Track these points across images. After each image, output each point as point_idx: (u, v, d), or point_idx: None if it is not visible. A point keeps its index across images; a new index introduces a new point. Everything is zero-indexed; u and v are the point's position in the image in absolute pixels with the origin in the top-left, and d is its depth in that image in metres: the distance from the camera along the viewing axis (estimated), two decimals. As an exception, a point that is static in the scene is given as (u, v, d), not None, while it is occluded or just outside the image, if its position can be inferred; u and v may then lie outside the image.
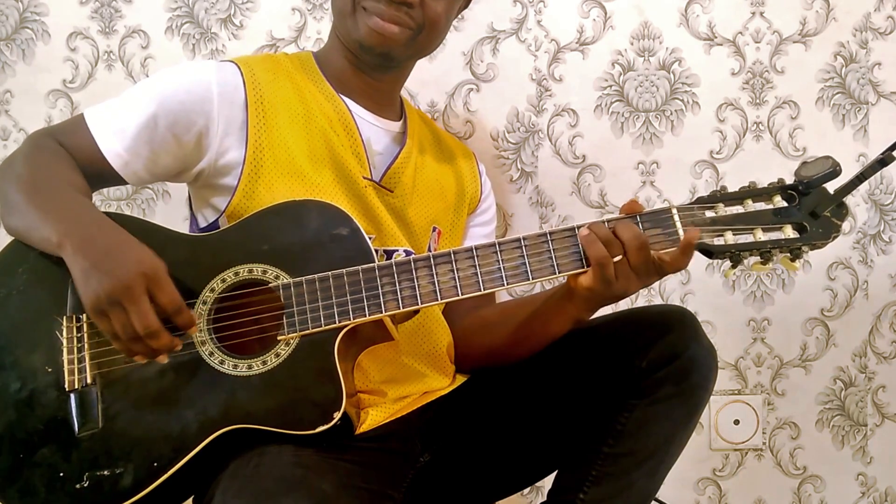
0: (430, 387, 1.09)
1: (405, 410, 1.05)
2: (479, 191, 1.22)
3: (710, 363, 0.98)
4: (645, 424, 0.97)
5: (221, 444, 0.87)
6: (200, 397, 0.88)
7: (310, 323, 0.89)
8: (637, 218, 0.91)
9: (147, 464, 0.86)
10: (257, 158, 0.98)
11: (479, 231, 1.22)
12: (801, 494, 1.52)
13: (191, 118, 0.97)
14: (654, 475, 1.01)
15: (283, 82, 1.04)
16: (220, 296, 0.91)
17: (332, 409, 0.87)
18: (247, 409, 0.87)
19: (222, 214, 1.00)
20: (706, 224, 0.90)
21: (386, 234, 1.05)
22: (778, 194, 0.90)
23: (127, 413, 0.88)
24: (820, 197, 0.89)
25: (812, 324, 1.49)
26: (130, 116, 0.98)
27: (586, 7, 1.44)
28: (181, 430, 0.87)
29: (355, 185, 1.03)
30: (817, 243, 0.89)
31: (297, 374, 0.89)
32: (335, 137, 1.03)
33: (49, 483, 0.87)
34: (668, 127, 1.46)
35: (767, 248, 0.89)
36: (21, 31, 1.46)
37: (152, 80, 1.02)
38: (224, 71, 1.00)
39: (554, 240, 0.91)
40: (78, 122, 1.00)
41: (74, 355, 0.89)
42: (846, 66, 1.45)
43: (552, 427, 1.04)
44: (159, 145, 0.98)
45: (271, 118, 1.00)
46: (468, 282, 0.91)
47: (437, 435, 1.06)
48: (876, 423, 1.51)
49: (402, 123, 1.13)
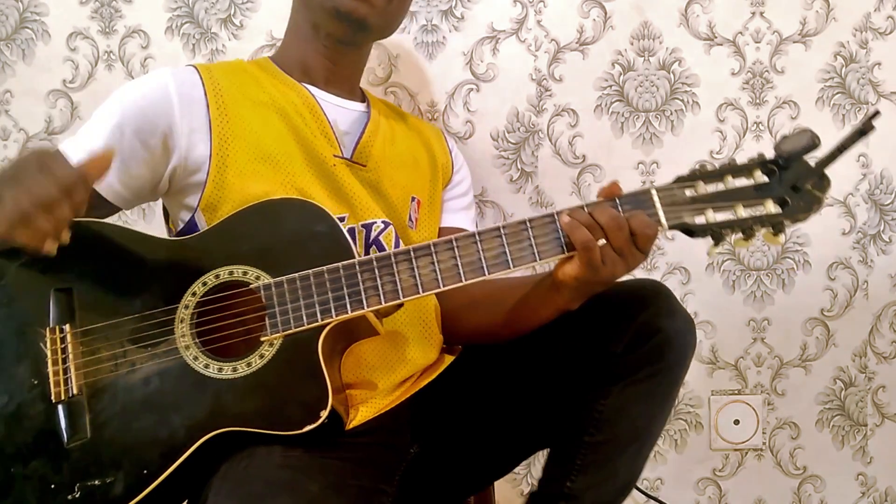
0: (419, 364, 1.08)
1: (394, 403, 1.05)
2: (450, 163, 1.24)
3: (687, 339, 0.98)
4: (623, 409, 0.97)
5: (211, 447, 0.87)
6: (187, 402, 0.88)
7: (292, 322, 0.89)
8: (616, 201, 0.90)
9: (137, 471, 0.86)
10: (223, 148, 0.99)
11: (456, 203, 1.23)
12: (801, 494, 1.52)
13: (153, 121, 0.98)
14: (638, 456, 1.02)
15: (243, 78, 1.07)
16: (202, 299, 0.91)
17: (318, 408, 0.86)
18: (234, 411, 0.87)
19: (196, 209, 1.00)
20: (686, 203, 0.89)
21: (360, 209, 1.05)
22: (758, 169, 0.89)
23: (115, 421, 0.88)
24: (800, 170, 0.88)
25: (812, 324, 1.49)
26: (97, 133, 0.99)
27: (586, 7, 1.44)
28: (169, 436, 0.87)
29: (325, 164, 1.04)
30: (799, 216, 0.88)
31: (282, 375, 0.88)
32: (301, 121, 1.05)
33: (41, 496, 0.86)
34: (668, 127, 1.46)
35: (749, 224, 0.88)
36: (21, 31, 1.46)
37: (113, 95, 1.03)
38: (180, 73, 1.02)
39: (534, 227, 0.91)
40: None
41: (59, 366, 0.89)
42: (846, 66, 1.44)
43: (535, 412, 1.04)
44: (128, 154, 0.98)
45: (233, 109, 1.01)
46: (449, 273, 0.90)
47: (425, 425, 1.07)
48: (876, 423, 1.51)
49: (365, 105, 1.16)
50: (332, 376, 0.90)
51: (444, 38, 1.44)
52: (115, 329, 0.90)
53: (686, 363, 0.99)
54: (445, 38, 1.44)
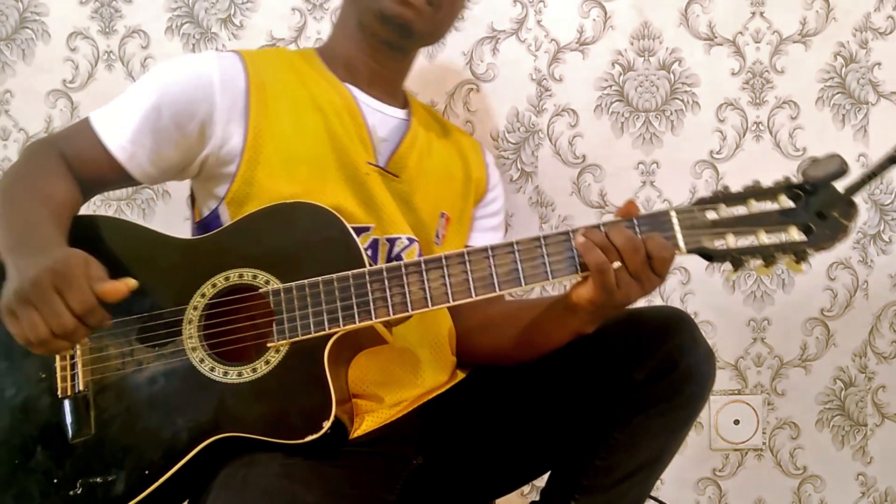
0: (428, 386, 1.08)
1: (400, 414, 1.04)
2: (486, 180, 1.21)
3: (708, 371, 0.97)
4: (639, 438, 0.96)
5: (213, 451, 0.87)
6: (191, 405, 0.88)
7: (299, 330, 0.89)
8: (634, 221, 0.87)
9: (139, 472, 0.86)
10: (257, 144, 0.98)
11: (486, 223, 1.21)
12: (801, 494, 1.52)
13: (193, 107, 0.97)
14: (647, 482, 1.02)
15: (285, 70, 1.04)
16: (211, 301, 0.91)
17: (321, 419, 0.86)
18: (236, 417, 0.87)
19: (222, 202, 0.99)
20: (707, 227, 0.87)
21: (387, 222, 1.04)
22: (783, 194, 0.87)
23: (119, 419, 0.88)
24: (827, 196, 0.85)
25: (812, 324, 1.49)
26: (133, 110, 0.98)
27: (586, 7, 1.44)
28: (172, 438, 0.87)
29: (357, 171, 1.02)
30: (824, 245, 0.85)
31: (287, 383, 0.88)
32: (339, 124, 1.02)
33: (43, 489, 0.87)
34: (668, 127, 1.46)
35: (771, 251, 0.85)
36: (21, 31, 1.46)
37: (153, 72, 1.01)
38: (225, 60, 1.00)
39: (548, 244, 0.89)
40: (82, 126, 1.00)
41: (67, 361, 0.89)
42: (846, 66, 1.44)
43: (546, 433, 1.03)
44: (163, 136, 0.97)
45: (273, 104, 1.00)
46: (459, 288, 0.89)
47: (431, 438, 1.06)
48: (876, 423, 1.51)
49: (406, 112, 1.13)
50: (338, 386, 0.89)
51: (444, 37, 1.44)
52: (124, 327, 0.90)
53: (705, 397, 0.97)
54: (445, 38, 1.44)
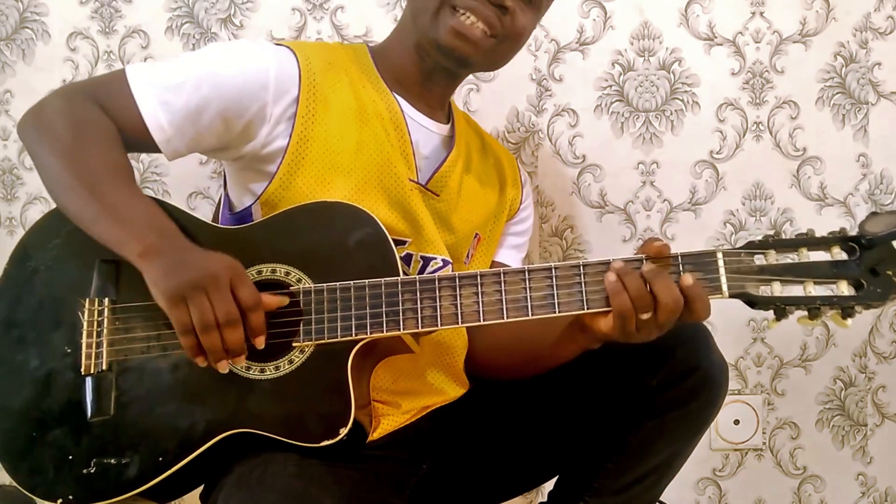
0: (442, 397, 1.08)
1: (415, 417, 1.04)
2: (520, 197, 1.20)
3: (721, 379, 0.96)
4: (651, 443, 0.96)
5: (228, 444, 0.87)
6: (211, 396, 0.88)
7: (326, 333, 0.88)
8: (679, 259, 0.84)
9: (153, 458, 0.87)
10: (301, 150, 0.96)
11: (513, 240, 1.20)
12: (801, 494, 1.52)
13: (244, 104, 0.94)
14: (657, 486, 1.02)
15: (338, 74, 1.01)
16: None
17: (339, 425, 0.86)
18: (255, 413, 0.87)
19: (256, 201, 0.97)
20: (753, 272, 0.83)
21: (425, 240, 1.02)
22: (837, 245, 0.83)
23: (139, 403, 0.88)
24: (884, 253, 0.81)
25: (812, 324, 1.49)
26: (180, 90, 0.93)
27: (586, 7, 1.44)
28: (189, 428, 0.87)
29: (400, 185, 1.00)
30: (873, 304, 0.81)
31: (309, 384, 0.88)
32: (385, 136, 1.00)
33: (58, 465, 0.87)
34: (668, 127, 1.46)
35: (817, 304, 0.82)
36: (21, 31, 1.46)
37: (208, 55, 0.97)
38: (283, 59, 0.97)
39: (587, 273, 0.85)
40: (119, 81, 0.94)
41: (94, 339, 0.89)
42: (846, 66, 1.44)
43: (558, 437, 1.03)
44: (206, 127, 0.94)
45: (321, 111, 0.97)
46: (492, 308, 0.87)
47: (441, 442, 1.06)
48: (876, 423, 1.51)
49: (450, 127, 1.11)
50: (359, 393, 0.89)
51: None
52: (153, 311, 0.88)
53: (718, 405, 0.97)
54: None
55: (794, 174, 1.46)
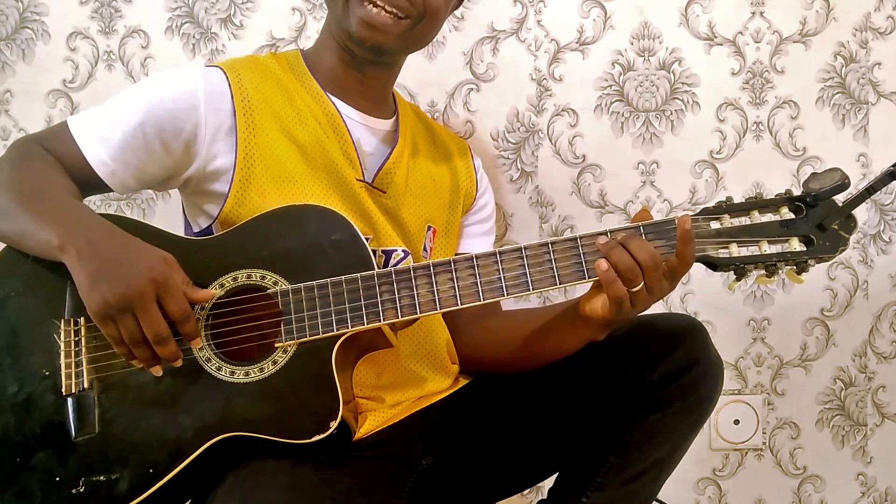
0: (430, 390, 1.08)
1: (403, 414, 1.04)
2: (475, 187, 1.20)
3: (718, 375, 0.99)
4: (652, 436, 0.97)
5: (219, 450, 0.87)
6: (197, 403, 0.88)
7: (307, 331, 0.89)
8: (640, 229, 0.89)
9: (143, 470, 0.86)
10: (248, 165, 0.97)
11: (476, 229, 1.21)
12: (801, 494, 1.52)
13: (178, 125, 0.96)
14: (657, 481, 1.02)
15: (270, 85, 1.02)
16: (218, 301, 0.91)
17: (328, 418, 0.86)
18: (243, 416, 0.87)
19: (215, 221, 0.99)
20: (711, 236, 0.89)
21: (382, 235, 1.04)
22: (785, 206, 0.89)
23: (124, 418, 0.88)
24: (828, 209, 0.87)
25: (812, 324, 1.49)
26: (116, 124, 0.96)
27: (586, 7, 1.44)
28: (177, 437, 0.87)
29: (349, 186, 1.01)
30: (824, 256, 0.87)
31: (294, 382, 0.88)
32: (325, 140, 1.01)
33: (45, 487, 0.86)
34: (668, 127, 1.46)
35: (773, 261, 0.87)
36: (21, 31, 1.46)
37: (137, 87, 1.00)
38: (210, 77, 0.99)
39: (555, 250, 0.90)
40: (62, 130, 0.98)
41: (72, 359, 0.89)
42: (846, 66, 1.45)
43: (558, 432, 1.03)
44: (147, 153, 0.97)
45: (259, 123, 0.99)
46: (468, 291, 0.90)
47: (441, 437, 1.06)
48: (876, 423, 1.51)
49: (393, 121, 1.11)
50: (345, 387, 0.89)
51: (444, 37, 1.44)
52: None
53: (715, 399, 0.99)
54: (445, 38, 1.44)
55: (795, 174, 1.46)
